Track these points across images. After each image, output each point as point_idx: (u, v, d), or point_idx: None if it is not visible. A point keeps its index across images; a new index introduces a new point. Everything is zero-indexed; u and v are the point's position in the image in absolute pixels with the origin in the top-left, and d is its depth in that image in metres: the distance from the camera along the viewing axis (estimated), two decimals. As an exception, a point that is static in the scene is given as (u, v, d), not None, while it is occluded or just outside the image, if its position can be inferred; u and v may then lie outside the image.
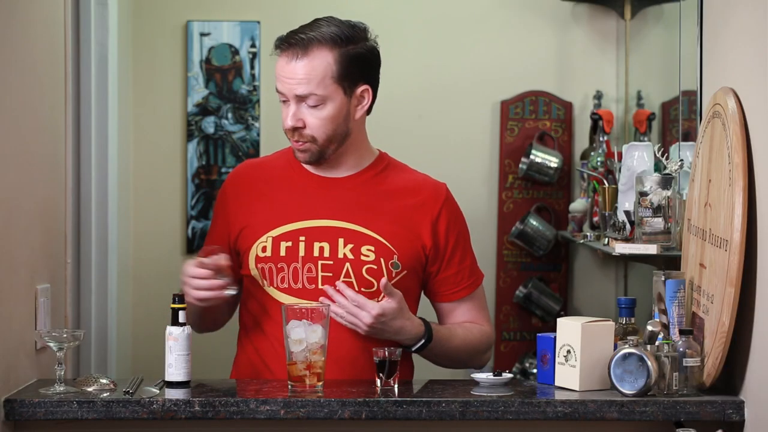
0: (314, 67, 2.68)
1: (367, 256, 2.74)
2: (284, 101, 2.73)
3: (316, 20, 2.75)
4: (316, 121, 2.70)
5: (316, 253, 2.74)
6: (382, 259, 2.75)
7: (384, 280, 2.69)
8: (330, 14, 2.78)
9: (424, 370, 2.92)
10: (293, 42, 2.70)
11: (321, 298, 2.70)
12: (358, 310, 2.67)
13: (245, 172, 2.90)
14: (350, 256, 2.74)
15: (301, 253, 2.75)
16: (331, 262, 2.74)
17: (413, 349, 2.75)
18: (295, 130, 2.71)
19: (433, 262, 2.81)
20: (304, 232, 2.75)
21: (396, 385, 2.58)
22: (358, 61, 2.72)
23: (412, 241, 2.78)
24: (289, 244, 2.75)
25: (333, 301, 2.69)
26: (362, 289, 2.73)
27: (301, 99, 2.69)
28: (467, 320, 2.86)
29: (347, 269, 2.73)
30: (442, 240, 2.81)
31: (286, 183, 2.82)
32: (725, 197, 2.48)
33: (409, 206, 2.80)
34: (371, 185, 2.81)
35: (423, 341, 2.74)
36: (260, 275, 2.77)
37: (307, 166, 2.81)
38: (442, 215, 2.81)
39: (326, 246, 2.75)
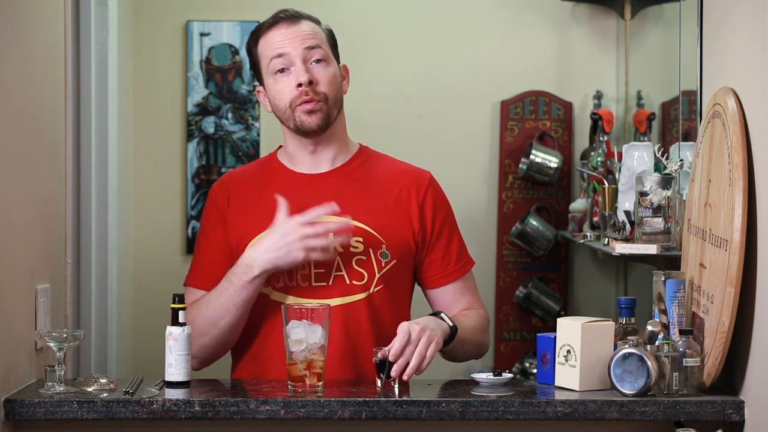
0: (313, 28, 2.80)
1: (356, 247, 2.75)
2: (284, 69, 2.76)
3: None
4: (326, 76, 2.77)
5: None
6: (371, 250, 2.76)
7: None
8: (329, 15, 2.82)
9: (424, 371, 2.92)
10: (284, 15, 2.79)
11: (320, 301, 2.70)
12: (413, 348, 2.60)
13: (229, 180, 2.91)
14: (340, 249, 2.75)
15: (295, 250, 2.75)
16: (323, 259, 2.74)
17: (451, 327, 2.69)
18: (309, 85, 2.74)
19: (421, 248, 2.82)
20: None
21: (396, 385, 2.58)
22: (334, 39, 2.85)
23: (401, 229, 2.78)
24: (283, 242, 2.76)
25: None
26: (353, 282, 2.74)
27: (307, 56, 2.75)
28: (462, 308, 2.86)
29: (338, 262, 2.74)
30: (429, 222, 2.82)
31: (272, 184, 2.83)
32: (725, 197, 2.48)
33: (394, 194, 2.82)
34: (356, 177, 2.83)
35: (451, 323, 2.70)
36: (256, 276, 2.77)
37: (289, 165, 2.83)
38: (427, 198, 2.83)
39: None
